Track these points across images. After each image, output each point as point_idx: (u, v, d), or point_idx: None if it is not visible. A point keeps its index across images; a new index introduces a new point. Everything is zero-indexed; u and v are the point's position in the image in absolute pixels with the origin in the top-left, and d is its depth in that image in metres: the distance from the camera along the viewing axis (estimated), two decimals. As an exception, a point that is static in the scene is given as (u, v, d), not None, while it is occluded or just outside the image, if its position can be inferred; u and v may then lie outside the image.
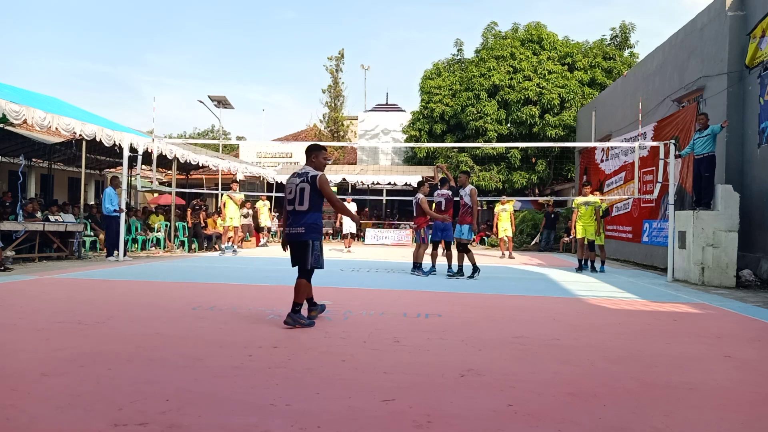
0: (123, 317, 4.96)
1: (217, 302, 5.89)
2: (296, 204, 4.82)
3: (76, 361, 3.44)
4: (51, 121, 10.27)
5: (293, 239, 4.84)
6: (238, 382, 3.10)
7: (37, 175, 19.27)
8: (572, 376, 3.39)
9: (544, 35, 22.57)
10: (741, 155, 9.88)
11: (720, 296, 7.54)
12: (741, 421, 2.72)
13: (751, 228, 9.23)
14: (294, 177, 4.95)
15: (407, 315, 5.40)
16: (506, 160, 21.76)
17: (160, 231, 14.75)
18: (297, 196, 4.83)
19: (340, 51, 30.88)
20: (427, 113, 23.17)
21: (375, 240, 21.06)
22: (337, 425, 2.48)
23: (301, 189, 4.82)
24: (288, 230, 4.87)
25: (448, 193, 9.28)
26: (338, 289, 7.42)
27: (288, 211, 4.91)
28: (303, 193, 4.81)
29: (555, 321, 5.29)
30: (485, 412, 2.71)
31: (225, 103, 26.01)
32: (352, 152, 30.19)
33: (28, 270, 9.00)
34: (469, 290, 7.56)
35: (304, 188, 4.81)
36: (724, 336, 4.84)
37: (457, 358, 3.76)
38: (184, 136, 51.71)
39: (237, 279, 8.36)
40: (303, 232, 4.77)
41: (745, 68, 9.71)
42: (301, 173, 4.92)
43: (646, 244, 12.55)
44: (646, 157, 12.31)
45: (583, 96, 21.09)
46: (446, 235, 9.26)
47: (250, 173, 21.63)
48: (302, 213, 4.80)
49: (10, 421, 2.42)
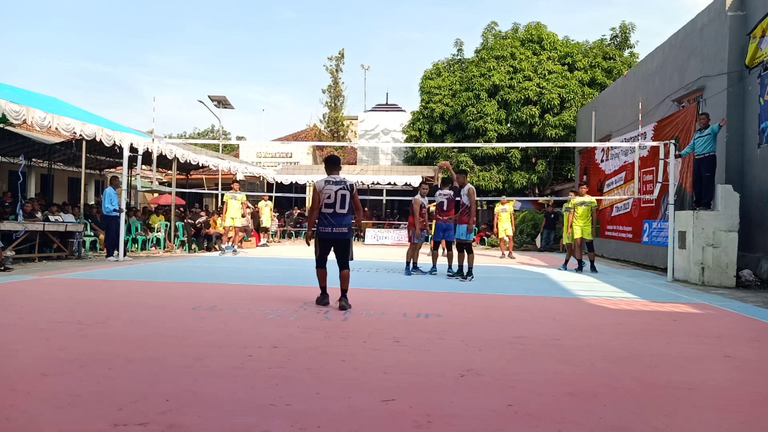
0: (123, 317, 4.96)
1: (217, 302, 5.89)
2: (337, 207, 5.65)
3: (76, 361, 3.44)
4: (51, 121, 10.27)
5: (338, 237, 5.67)
6: (238, 382, 3.10)
7: (37, 175, 19.26)
8: (572, 376, 3.39)
9: (544, 35, 22.56)
10: (741, 155, 9.88)
11: (720, 296, 7.54)
12: (741, 421, 2.72)
13: (751, 228, 9.23)
14: (330, 184, 5.70)
15: (407, 315, 5.40)
16: (506, 160, 21.75)
17: (160, 231, 14.75)
18: (338, 201, 5.65)
19: (340, 51, 30.90)
20: (427, 113, 23.16)
21: (375, 240, 21.07)
22: (337, 425, 2.48)
23: (342, 195, 5.67)
24: (331, 230, 5.64)
25: (450, 193, 9.25)
26: (338, 289, 7.41)
27: (327, 213, 5.65)
28: (344, 199, 5.67)
29: (555, 321, 5.29)
30: (485, 412, 2.71)
31: (225, 103, 26.01)
32: (352, 152, 30.19)
33: (28, 270, 9.00)
34: (469, 290, 7.56)
35: (345, 195, 5.68)
36: (724, 336, 4.84)
37: (457, 358, 3.76)
38: (184, 136, 51.72)
39: (237, 279, 8.36)
40: (346, 232, 5.67)
41: (745, 68, 9.71)
42: (338, 181, 5.72)
43: (646, 244, 12.55)
44: (646, 157, 12.31)
45: (583, 96, 21.09)
46: (448, 235, 9.26)
47: (250, 173, 21.64)
48: (343, 215, 5.64)
49: (10, 421, 2.42)
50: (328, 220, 5.64)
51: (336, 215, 5.62)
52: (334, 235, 5.65)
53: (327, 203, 5.64)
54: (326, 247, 5.75)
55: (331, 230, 5.64)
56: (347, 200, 5.68)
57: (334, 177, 5.78)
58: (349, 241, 5.74)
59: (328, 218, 5.64)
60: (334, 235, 5.65)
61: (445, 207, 9.22)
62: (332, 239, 5.68)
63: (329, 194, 5.66)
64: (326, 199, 5.64)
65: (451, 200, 9.24)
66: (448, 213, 9.23)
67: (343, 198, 5.67)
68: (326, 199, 5.64)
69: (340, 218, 5.63)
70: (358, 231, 20.53)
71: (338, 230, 5.63)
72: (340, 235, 5.66)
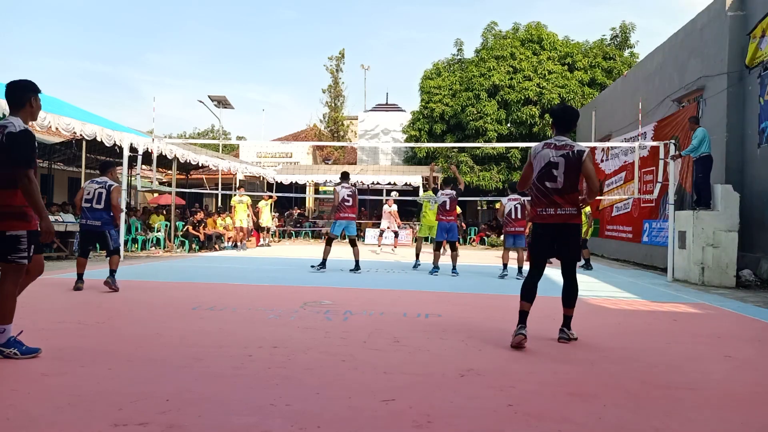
0: (123, 317, 4.96)
1: (217, 302, 5.88)
2: None
3: (76, 361, 3.44)
4: (51, 121, 10.26)
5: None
6: (238, 382, 3.10)
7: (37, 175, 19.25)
8: (572, 376, 3.39)
9: (544, 35, 22.56)
10: (741, 155, 9.88)
11: (720, 296, 7.54)
12: (741, 421, 2.72)
13: (751, 228, 9.23)
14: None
15: (407, 315, 5.40)
16: (506, 160, 21.76)
17: (160, 231, 14.75)
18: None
19: (340, 51, 30.93)
20: (427, 113, 23.17)
21: (375, 240, 21.03)
22: (337, 425, 2.48)
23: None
24: None
25: (453, 192, 9.37)
26: (338, 289, 7.42)
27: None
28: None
29: (555, 321, 5.29)
30: (485, 412, 2.71)
31: (225, 103, 26.01)
32: (352, 152, 30.18)
33: (28, 270, 8.98)
34: (469, 290, 7.56)
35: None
36: (724, 336, 4.84)
37: (457, 358, 3.76)
38: (184, 136, 51.66)
39: (237, 279, 8.36)
40: None
41: (745, 68, 9.71)
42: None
43: (646, 244, 12.55)
44: (646, 157, 12.30)
45: (583, 96, 21.09)
46: (451, 235, 9.39)
47: (250, 173, 21.63)
48: None
49: (10, 421, 2.42)
50: None
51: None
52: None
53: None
54: None
55: None
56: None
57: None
58: None
59: None
60: None
61: (448, 207, 9.30)
62: None
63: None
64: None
65: (454, 200, 9.35)
66: (451, 213, 9.34)
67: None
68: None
69: None
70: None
71: None
72: None
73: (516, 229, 9.17)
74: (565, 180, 4.08)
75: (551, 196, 4.10)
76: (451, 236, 9.38)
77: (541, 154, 4.17)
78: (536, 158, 4.21)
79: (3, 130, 3.37)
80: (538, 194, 4.18)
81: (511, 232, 9.23)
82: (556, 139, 4.23)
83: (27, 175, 3.33)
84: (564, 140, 4.19)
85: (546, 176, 4.12)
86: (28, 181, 3.33)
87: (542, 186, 4.14)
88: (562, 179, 4.08)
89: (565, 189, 4.08)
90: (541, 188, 4.16)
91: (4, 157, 3.35)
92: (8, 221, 3.39)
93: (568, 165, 4.07)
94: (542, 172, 4.15)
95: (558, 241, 4.18)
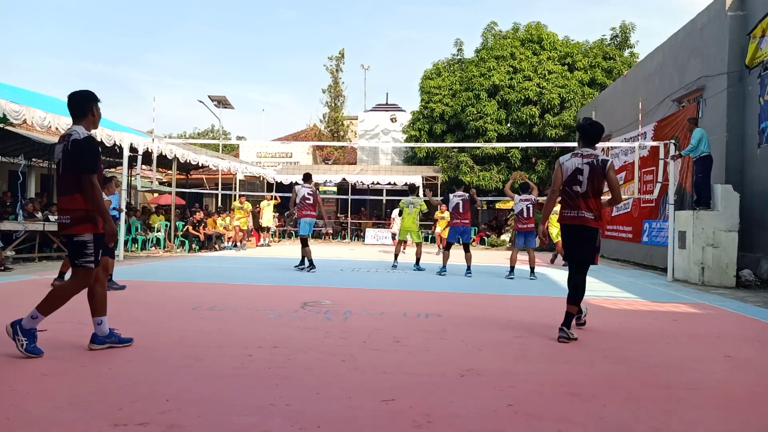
0: (123, 317, 4.96)
1: (217, 302, 5.89)
2: None
3: (76, 361, 3.44)
4: (51, 121, 10.26)
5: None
6: (238, 382, 3.10)
7: (37, 175, 19.24)
8: (572, 376, 3.39)
9: (544, 35, 22.55)
10: (741, 155, 9.88)
11: (720, 296, 7.54)
12: (741, 421, 2.72)
13: (751, 228, 9.23)
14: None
15: (407, 315, 5.40)
16: (506, 160, 21.75)
17: (160, 231, 14.75)
18: None
19: (340, 51, 30.94)
20: (427, 113, 23.17)
21: (375, 240, 21.06)
22: (337, 425, 2.48)
23: None
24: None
25: (465, 195, 9.46)
26: (338, 289, 7.43)
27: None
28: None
29: (555, 321, 5.29)
30: (485, 412, 2.71)
31: (225, 103, 26.02)
32: (352, 152, 30.19)
33: (28, 270, 8.99)
34: (469, 290, 7.56)
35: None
36: (723, 336, 4.84)
37: (457, 358, 3.76)
38: (184, 136, 51.64)
39: (237, 279, 8.37)
40: None
41: (745, 68, 9.71)
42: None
43: (646, 244, 12.55)
44: (646, 157, 12.31)
45: (583, 96, 21.08)
46: (465, 237, 9.48)
47: (250, 173, 21.62)
48: None
49: (10, 421, 2.42)
50: None
51: None
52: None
53: None
54: None
55: None
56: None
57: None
58: None
59: None
60: None
61: (461, 209, 9.34)
62: None
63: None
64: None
65: (466, 202, 9.41)
66: (465, 215, 9.39)
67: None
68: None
69: None
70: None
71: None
72: None
73: (528, 225, 9.23)
74: (588, 185, 4.47)
75: (576, 199, 4.50)
76: (465, 238, 9.50)
77: (570, 162, 4.59)
78: (564, 166, 4.63)
79: (68, 138, 3.62)
80: (565, 197, 4.59)
81: (523, 229, 9.28)
82: (582, 150, 4.61)
83: (90, 180, 3.54)
84: (590, 151, 4.59)
85: (572, 181, 4.54)
86: (91, 186, 3.54)
87: (570, 190, 4.55)
88: (586, 184, 4.47)
89: (587, 193, 4.47)
90: (568, 192, 4.56)
91: (69, 164, 3.59)
92: (75, 226, 3.58)
93: (592, 172, 4.47)
94: (570, 178, 4.56)
95: (573, 242, 4.58)
